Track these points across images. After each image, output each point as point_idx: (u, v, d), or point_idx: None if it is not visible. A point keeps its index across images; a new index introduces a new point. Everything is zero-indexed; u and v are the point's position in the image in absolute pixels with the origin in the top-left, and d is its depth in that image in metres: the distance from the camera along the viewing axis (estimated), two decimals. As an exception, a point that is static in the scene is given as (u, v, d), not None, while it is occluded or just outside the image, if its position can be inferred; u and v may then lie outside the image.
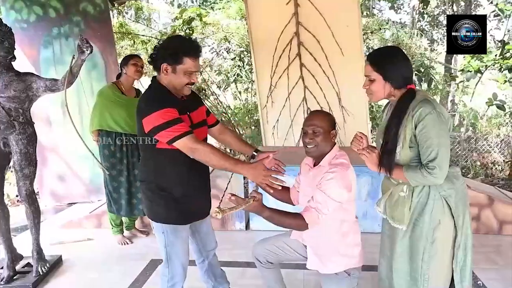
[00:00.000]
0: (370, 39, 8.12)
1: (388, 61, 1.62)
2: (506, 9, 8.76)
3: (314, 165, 1.94)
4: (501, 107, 5.98)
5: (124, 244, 3.39)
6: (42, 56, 4.29)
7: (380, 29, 8.12)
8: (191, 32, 6.00)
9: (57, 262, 3.00)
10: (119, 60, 3.80)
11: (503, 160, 7.24)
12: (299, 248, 2.03)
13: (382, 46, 8.20)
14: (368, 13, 8.30)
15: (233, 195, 1.64)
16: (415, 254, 1.66)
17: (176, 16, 6.74)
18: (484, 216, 3.44)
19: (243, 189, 3.60)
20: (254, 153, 2.07)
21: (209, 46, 8.19)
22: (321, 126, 1.82)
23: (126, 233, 3.52)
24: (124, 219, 3.47)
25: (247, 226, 3.66)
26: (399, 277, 1.73)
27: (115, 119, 3.11)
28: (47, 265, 2.85)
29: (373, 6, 9.02)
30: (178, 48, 1.75)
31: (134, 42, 7.36)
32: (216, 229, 3.59)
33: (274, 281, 2.13)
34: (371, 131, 5.72)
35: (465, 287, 1.66)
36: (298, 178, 2.10)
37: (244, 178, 3.94)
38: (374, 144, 1.84)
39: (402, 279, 1.72)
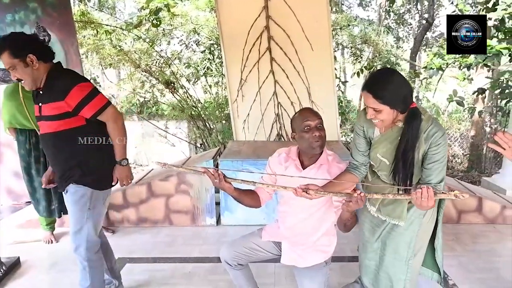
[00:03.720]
0: (339, 35, 8.22)
1: (391, 91, 1.58)
2: (465, 10, 9.14)
3: (303, 166, 1.88)
4: (460, 103, 6.23)
5: (48, 242, 3.23)
6: (-5, 44, 4.01)
7: (349, 25, 8.24)
8: (158, 23, 5.82)
9: (15, 264, 2.84)
10: (82, 51, 3.62)
11: (462, 154, 7.60)
12: (271, 248, 2.02)
13: (353, 42, 8.37)
14: (337, 9, 8.41)
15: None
16: (404, 241, 1.78)
17: (143, 6, 6.52)
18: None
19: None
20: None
21: (177, 38, 8.01)
22: (321, 121, 1.84)
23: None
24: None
25: (218, 221, 3.63)
26: (385, 266, 1.85)
27: (25, 116, 2.88)
28: (3, 267, 2.70)
29: (342, 2, 9.15)
30: None
31: (97, 32, 7.06)
32: (186, 225, 3.58)
33: (245, 280, 2.10)
34: (340, 126, 5.82)
35: (441, 258, 1.86)
36: (273, 178, 1.98)
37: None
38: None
39: (389, 267, 1.84)
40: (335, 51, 8.16)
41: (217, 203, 3.61)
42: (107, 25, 7.14)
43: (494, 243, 3.23)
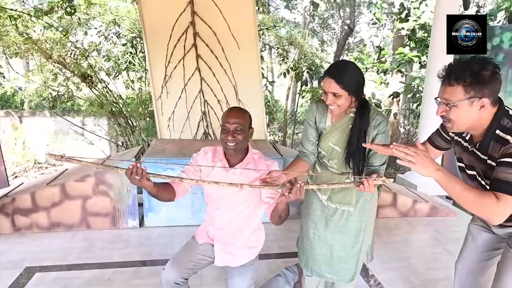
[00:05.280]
0: (266, 35, 8.38)
1: (351, 78, 1.72)
2: (382, 18, 9.96)
3: (230, 165, 1.87)
4: (378, 105, 6.76)
5: None
6: None
7: (275, 26, 8.43)
8: (72, 10, 5.35)
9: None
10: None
11: (379, 152, 8.19)
12: (209, 252, 1.98)
13: (279, 43, 8.57)
14: (264, 9, 8.54)
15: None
16: (356, 227, 1.93)
17: (55, -9, 5.99)
18: (364, 202, 3.83)
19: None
20: None
21: (95, 28, 7.50)
22: (242, 124, 1.79)
23: None
24: None
25: (141, 223, 3.47)
26: (339, 251, 1.96)
27: None
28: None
29: (269, 3, 9.33)
30: None
31: (0, 16, 6.30)
32: (106, 228, 3.36)
33: None
34: (268, 125, 5.92)
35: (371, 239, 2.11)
36: (198, 174, 1.91)
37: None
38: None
39: (343, 252, 1.96)
40: (262, 51, 8.30)
41: (140, 204, 3.45)
42: (11, 10, 6.40)
43: (406, 234, 3.49)
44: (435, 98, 1.49)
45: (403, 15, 7.32)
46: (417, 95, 6.87)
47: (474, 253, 1.79)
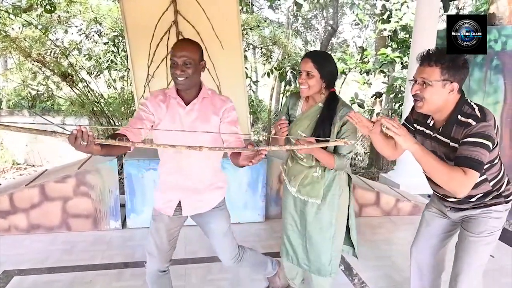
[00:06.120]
0: (249, 35, 8.36)
1: (327, 62, 1.90)
2: (364, 19, 10.07)
3: (185, 102, 1.79)
4: (361, 105, 6.81)
5: None
6: None
7: (259, 26, 8.42)
8: (52, 8, 5.23)
9: None
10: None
11: (364, 152, 8.33)
12: (178, 219, 1.94)
13: (263, 43, 8.58)
14: (248, 9, 8.53)
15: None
16: (326, 220, 2.01)
17: (34, -12, 5.84)
18: (347, 201, 3.86)
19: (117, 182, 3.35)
20: None
21: (76, 27, 7.35)
22: (192, 57, 1.70)
23: None
24: None
25: (124, 225, 3.42)
26: (313, 243, 2.06)
27: None
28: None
29: (253, 3, 9.33)
30: None
31: (-25, 13, 6.13)
32: (87, 230, 3.30)
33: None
34: (252, 124, 5.92)
35: (355, 236, 2.19)
36: (150, 119, 1.80)
37: (120, 173, 3.67)
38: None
39: (317, 244, 2.05)
40: (246, 50, 8.29)
41: (122, 205, 3.40)
42: (-11, 7, 6.23)
43: (389, 233, 3.54)
44: (410, 80, 1.67)
45: (385, 16, 7.42)
46: (399, 95, 6.97)
47: (429, 237, 1.98)
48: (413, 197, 4.20)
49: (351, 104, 6.92)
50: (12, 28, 6.87)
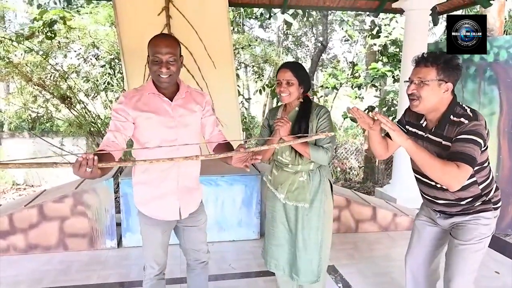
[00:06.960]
0: (241, 54, 8.54)
1: (303, 71, 2.15)
2: (354, 35, 10.27)
3: (167, 97, 1.77)
4: (353, 119, 6.85)
5: None
6: None
7: (250, 45, 8.61)
8: (53, 35, 5.41)
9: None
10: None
11: (358, 166, 8.37)
12: (170, 223, 1.95)
13: (254, 61, 8.77)
14: (239, 29, 8.75)
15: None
16: (314, 225, 2.12)
17: (36, 17, 6.04)
18: (343, 216, 3.80)
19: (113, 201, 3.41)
20: None
21: (75, 51, 7.54)
22: (175, 54, 1.67)
23: None
24: None
25: (119, 244, 3.47)
26: (305, 248, 2.13)
27: None
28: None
29: (244, 23, 9.55)
30: None
31: (-19, 43, 6.33)
32: (84, 249, 3.35)
33: None
34: (245, 142, 5.98)
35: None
36: (127, 126, 1.71)
37: (116, 192, 3.73)
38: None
39: (308, 249, 2.13)
40: (238, 69, 8.45)
41: (118, 224, 3.46)
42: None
43: (387, 248, 3.47)
44: (405, 81, 1.77)
45: (374, 32, 7.57)
46: (392, 108, 7.05)
47: (422, 246, 2.00)
48: (411, 211, 4.06)
49: (344, 119, 7.01)
50: (15, 55, 7.09)
